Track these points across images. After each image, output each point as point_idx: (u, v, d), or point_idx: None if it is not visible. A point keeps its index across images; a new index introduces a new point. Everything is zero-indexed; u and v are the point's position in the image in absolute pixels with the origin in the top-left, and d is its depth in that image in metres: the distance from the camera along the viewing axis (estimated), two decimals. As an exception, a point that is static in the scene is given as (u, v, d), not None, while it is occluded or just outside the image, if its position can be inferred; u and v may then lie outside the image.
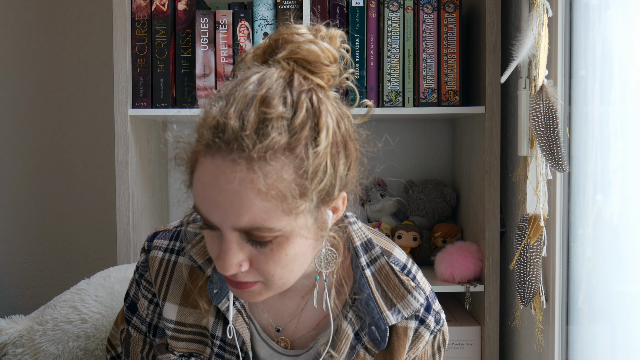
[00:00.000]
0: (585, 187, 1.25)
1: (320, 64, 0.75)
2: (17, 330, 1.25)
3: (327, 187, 0.73)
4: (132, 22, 1.61)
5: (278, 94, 0.71)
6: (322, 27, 0.78)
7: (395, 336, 0.89)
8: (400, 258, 0.92)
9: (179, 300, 0.91)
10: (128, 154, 1.58)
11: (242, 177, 0.68)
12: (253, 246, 0.73)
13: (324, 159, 0.71)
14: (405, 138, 1.98)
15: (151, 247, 0.93)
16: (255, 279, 0.75)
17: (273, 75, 0.73)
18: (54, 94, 2.00)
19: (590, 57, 1.23)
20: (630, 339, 1.12)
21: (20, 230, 2.01)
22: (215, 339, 0.90)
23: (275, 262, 0.74)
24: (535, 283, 1.31)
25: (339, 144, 0.74)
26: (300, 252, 0.75)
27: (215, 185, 0.69)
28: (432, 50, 1.63)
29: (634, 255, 1.09)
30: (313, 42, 0.75)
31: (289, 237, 0.73)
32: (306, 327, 0.91)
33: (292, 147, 0.70)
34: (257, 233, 0.71)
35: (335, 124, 0.74)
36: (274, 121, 0.69)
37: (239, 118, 0.69)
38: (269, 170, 0.68)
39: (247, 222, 0.69)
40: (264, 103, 0.70)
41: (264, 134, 0.68)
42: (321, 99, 0.73)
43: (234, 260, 0.72)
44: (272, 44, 0.77)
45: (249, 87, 0.71)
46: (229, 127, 0.69)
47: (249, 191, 0.68)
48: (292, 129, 0.70)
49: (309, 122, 0.71)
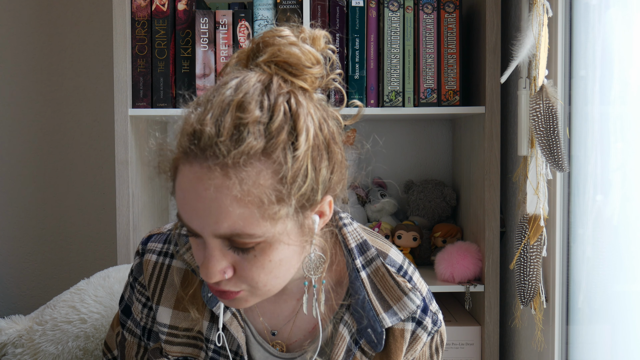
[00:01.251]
0: (585, 187, 1.24)
1: (302, 66, 0.74)
2: (16, 330, 1.25)
3: (308, 191, 0.72)
4: (132, 22, 1.61)
5: (255, 98, 0.70)
6: (305, 28, 0.77)
7: (392, 338, 0.88)
8: (396, 259, 0.91)
9: (172, 304, 0.90)
10: (128, 154, 1.58)
11: (217, 183, 0.68)
12: (236, 253, 0.72)
13: (303, 162, 0.70)
14: (405, 138, 1.98)
15: (145, 250, 0.93)
16: (238, 288, 0.75)
17: (251, 80, 0.72)
18: (54, 94, 2.00)
19: (590, 57, 1.23)
20: (630, 339, 1.11)
21: (20, 230, 2.01)
22: (210, 343, 0.89)
23: (259, 269, 0.73)
24: (535, 283, 1.31)
25: (320, 147, 0.73)
26: (284, 258, 0.74)
27: (194, 192, 0.69)
28: (432, 50, 1.63)
29: (634, 255, 1.09)
30: (294, 44, 0.74)
31: (272, 243, 0.72)
32: (301, 330, 0.90)
33: (269, 152, 0.69)
34: (238, 239, 0.70)
35: (317, 126, 0.73)
36: (250, 126, 0.68)
37: (215, 124, 0.69)
38: (244, 176, 0.67)
39: (226, 228, 0.69)
40: (240, 108, 0.69)
41: (239, 139, 0.68)
42: (300, 102, 0.72)
43: (217, 268, 0.72)
44: (254, 47, 0.76)
45: (226, 92, 0.71)
46: (205, 134, 0.68)
47: (225, 198, 0.68)
48: (268, 133, 0.69)
49: (287, 125, 0.70)
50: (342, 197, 0.80)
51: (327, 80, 0.77)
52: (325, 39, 0.78)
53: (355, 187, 1.84)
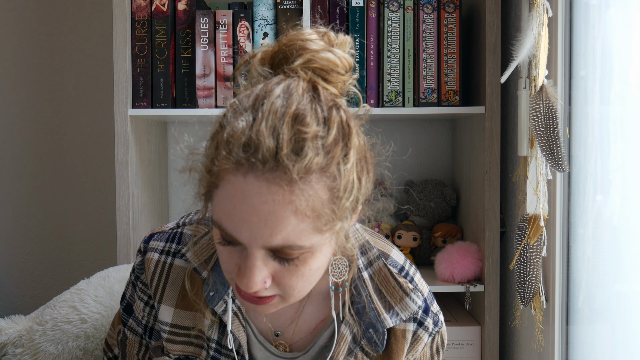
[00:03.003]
0: (585, 187, 1.24)
1: (337, 73, 0.73)
2: (16, 330, 1.25)
3: (354, 203, 0.72)
4: (132, 22, 1.61)
5: (309, 110, 0.69)
6: (330, 33, 0.76)
7: (393, 339, 0.88)
8: (398, 260, 0.91)
9: (174, 302, 0.90)
10: (128, 154, 1.58)
11: (281, 198, 0.66)
12: (279, 262, 0.72)
13: (352, 175, 0.70)
14: (405, 138, 1.98)
15: (147, 249, 0.93)
16: (274, 292, 0.74)
17: (299, 89, 0.70)
18: (54, 94, 2.00)
19: (590, 57, 1.23)
20: (630, 339, 1.12)
21: (20, 230, 2.02)
22: (211, 342, 0.90)
23: (299, 277, 0.73)
24: (535, 283, 1.31)
25: (362, 159, 0.73)
26: (321, 265, 0.75)
27: (248, 204, 0.67)
28: (432, 50, 1.63)
29: (634, 255, 1.09)
30: (330, 50, 0.73)
31: (314, 252, 0.72)
32: (304, 330, 0.91)
33: (327, 167, 0.68)
34: (288, 250, 0.69)
35: (357, 137, 0.73)
36: (310, 141, 0.67)
37: (272, 136, 0.66)
38: (308, 191, 0.67)
39: (279, 241, 0.68)
40: (297, 120, 0.68)
41: (301, 154, 0.66)
42: (349, 115, 0.72)
43: (259, 278, 0.71)
44: (283, 49, 0.74)
45: (276, 101, 0.69)
46: (263, 146, 0.66)
47: (287, 212, 0.67)
48: (326, 147, 0.68)
49: (341, 140, 0.70)
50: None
51: (348, 85, 0.77)
52: (350, 44, 0.78)
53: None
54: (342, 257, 0.84)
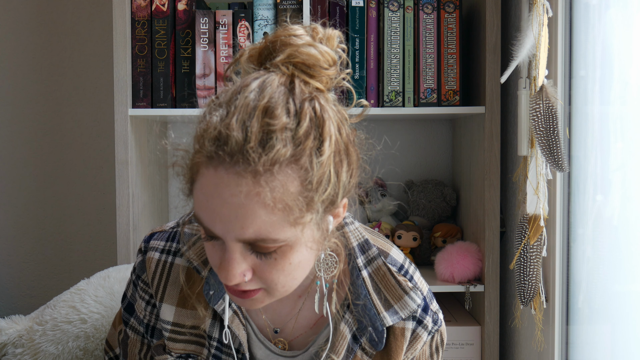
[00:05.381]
0: (585, 187, 1.24)
1: (319, 67, 0.73)
2: (16, 330, 1.25)
3: (331, 196, 0.72)
4: (132, 22, 1.61)
5: (281, 103, 0.69)
6: (319, 28, 0.76)
7: (392, 337, 0.88)
8: (398, 258, 0.91)
9: (176, 301, 0.91)
10: (128, 154, 1.58)
11: (247, 190, 0.67)
12: (257, 256, 0.72)
13: (327, 168, 0.70)
14: (405, 138, 1.98)
15: (148, 248, 0.93)
16: (257, 286, 0.75)
17: (274, 82, 0.71)
18: (54, 94, 2.00)
19: (590, 57, 1.23)
20: (630, 339, 1.12)
21: (20, 230, 2.01)
22: (212, 340, 0.90)
23: (279, 271, 0.73)
24: (535, 283, 1.31)
25: (341, 152, 0.73)
26: (303, 260, 0.75)
27: (219, 197, 0.68)
28: (432, 50, 1.63)
29: (634, 255, 1.09)
30: (312, 45, 0.74)
31: (293, 247, 0.72)
32: (303, 327, 0.91)
33: (297, 159, 0.68)
34: (262, 244, 0.70)
35: (337, 130, 0.73)
36: (278, 132, 0.67)
37: (241, 129, 0.67)
38: (275, 183, 0.67)
39: (251, 234, 0.69)
40: (267, 113, 0.68)
41: (269, 146, 0.67)
42: (324, 106, 0.72)
43: (237, 271, 0.72)
44: (268, 45, 0.75)
45: (249, 95, 0.69)
46: (232, 139, 0.67)
47: (254, 204, 0.67)
48: (296, 139, 0.68)
49: (313, 131, 0.70)
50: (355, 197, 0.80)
51: (338, 80, 0.77)
52: (339, 38, 0.78)
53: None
54: (331, 254, 0.84)
